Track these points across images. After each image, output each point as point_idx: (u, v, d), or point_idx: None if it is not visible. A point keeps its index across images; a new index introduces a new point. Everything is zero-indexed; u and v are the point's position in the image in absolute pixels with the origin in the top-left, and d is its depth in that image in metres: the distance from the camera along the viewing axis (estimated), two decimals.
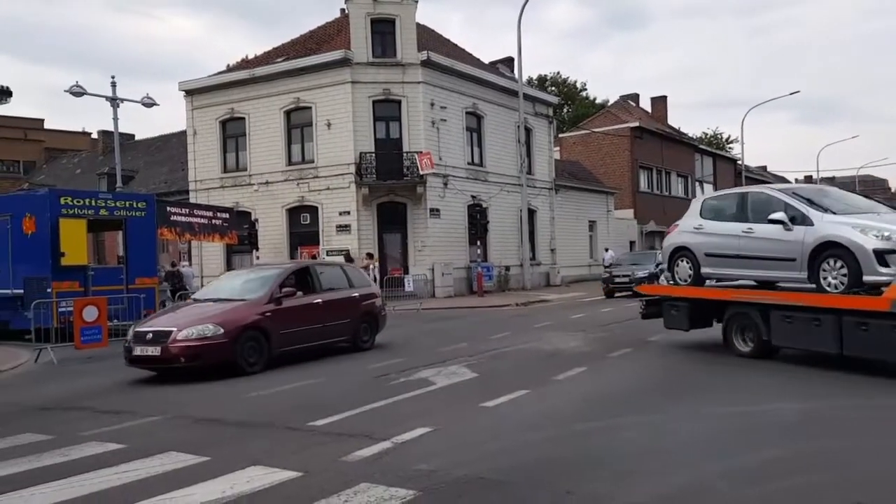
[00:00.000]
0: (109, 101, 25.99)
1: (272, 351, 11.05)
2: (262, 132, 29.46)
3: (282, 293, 11.45)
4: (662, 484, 5.03)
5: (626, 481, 5.09)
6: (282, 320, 11.23)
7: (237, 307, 11.06)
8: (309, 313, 11.87)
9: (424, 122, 27.73)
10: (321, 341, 12.13)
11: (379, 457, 5.88)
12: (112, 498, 5.03)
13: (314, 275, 12.59)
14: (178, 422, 7.73)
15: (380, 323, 13.75)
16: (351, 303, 12.90)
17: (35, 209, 16.80)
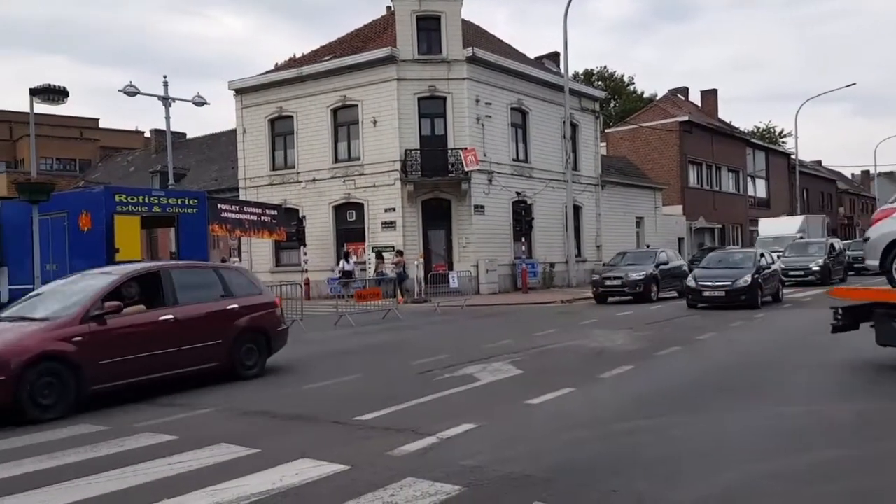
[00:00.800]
0: (162, 100, 26.65)
1: (84, 389, 8.30)
2: (309, 130, 29.84)
3: (104, 309, 8.60)
4: (709, 484, 4.96)
5: (673, 481, 5.03)
6: (103, 346, 8.48)
7: (27, 332, 8.24)
8: (153, 334, 9.08)
9: (469, 119, 27.72)
10: (172, 371, 9.30)
11: (424, 452, 5.91)
12: (166, 488, 5.17)
13: (167, 282, 9.60)
14: (228, 414, 7.90)
15: (274, 342, 10.77)
16: (224, 317, 9.99)
17: (91, 206, 17.30)
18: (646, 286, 21.55)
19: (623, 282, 21.66)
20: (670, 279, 22.90)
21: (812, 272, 26.93)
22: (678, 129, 45.26)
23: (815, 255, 27.95)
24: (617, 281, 21.91)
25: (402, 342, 14.16)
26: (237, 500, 4.82)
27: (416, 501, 4.68)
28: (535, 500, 4.64)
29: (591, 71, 67.82)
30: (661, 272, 22.33)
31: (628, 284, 21.56)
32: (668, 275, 22.83)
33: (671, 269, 23.27)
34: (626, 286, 21.55)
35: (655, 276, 22.02)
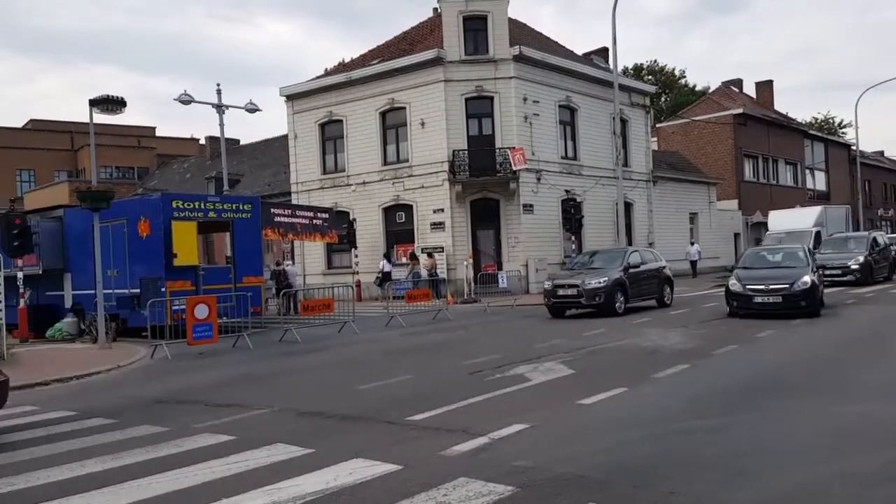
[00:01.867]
0: (215, 107, 27.25)
1: None
2: (358, 133, 30.15)
3: None
4: (772, 485, 4.81)
5: (733, 482, 4.90)
6: None
7: None
8: None
9: (517, 118, 27.60)
10: None
11: (476, 452, 5.90)
12: (224, 487, 5.27)
13: None
14: (283, 415, 8.02)
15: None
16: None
17: (149, 213, 17.82)
18: (607, 296, 17.35)
19: (579, 290, 17.33)
20: (645, 285, 18.84)
21: (851, 271, 24.10)
22: (732, 122, 44.22)
23: (855, 252, 24.98)
24: (572, 290, 17.48)
25: (453, 342, 14.17)
26: (293, 500, 4.89)
27: (469, 501, 4.66)
28: (590, 501, 4.58)
29: (641, 65, 66.85)
30: (630, 277, 18.11)
31: (585, 294, 17.25)
32: (642, 279, 18.73)
33: (645, 272, 18.99)
34: (583, 296, 17.27)
35: (622, 282, 17.73)
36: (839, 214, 33.65)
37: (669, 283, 19.97)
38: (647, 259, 19.65)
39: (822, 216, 31.08)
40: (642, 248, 23.03)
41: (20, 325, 18.30)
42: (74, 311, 18.93)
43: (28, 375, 11.82)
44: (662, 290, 19.54)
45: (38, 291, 20.00)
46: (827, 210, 32.56)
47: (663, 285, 19.64)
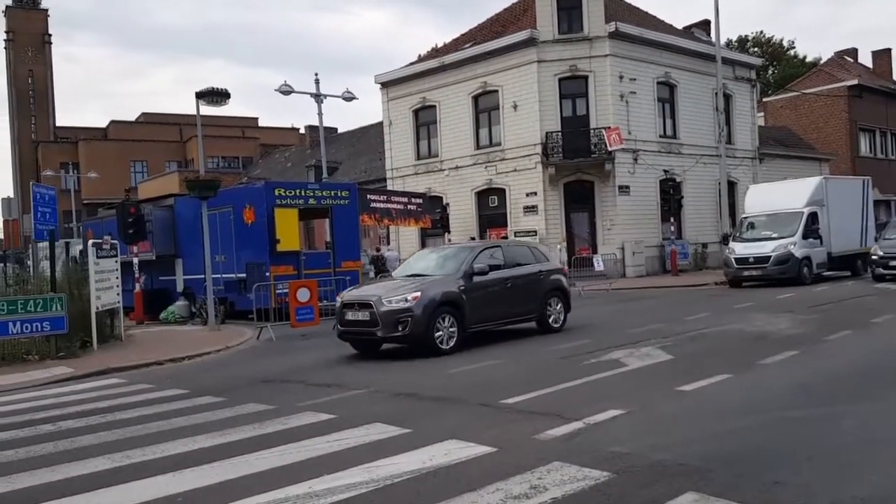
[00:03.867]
0: (314, 97, 27.97)
1: None
2: (451, 118, 30.26)
3: None
4: (887, 478, 4.53)
5: (844, 474, 4.64)
6: None
7: None
8: None
9: (612, 97, 26.96)
10: None
11: (571, 436, 5.85)
12: (325, 464, 5.45)
13: None
14: (380, 395, 8.21)
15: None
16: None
17: (254, 201, 18.55)
18: (422, 325, 10.80)
19: (372, 316, 10.89)
20: (508, 301, 12.18)
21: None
22: (846, 95, 41.56)
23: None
24: (363, 314, 11.04)
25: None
26: (391, 478, 5.00)
27: (563, 486, 4.63)
28: (689, 489, 4.45)
29: (746, 37, 63.70)
30: (474, 289, 11.53)
31: (381, 320, 10.80)
32: (502, 292, 12.09)
33: (509, 281, 12.25)
34: (379, 324, 10.84)
35: (453, 299, 11.25)
36: (850, 189, 23.81)
37: (560, 296, 13.07)
38: (515, 260, 12.64)
39: (821, 191, 21.88)
40: (513, 244, 15.18)
41: (136, 308, 19.50)
42: (185, 294, 20.00)
43: (144, 356, 12.60)
44: (544, 306, 12.71)
45: (152, 276, 21.23)
46: (828, 183, 22.59)
47: (547, 299, 12.77)
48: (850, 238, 22.42)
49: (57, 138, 68.22)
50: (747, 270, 20.47)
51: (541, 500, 4.42)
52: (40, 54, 72.99)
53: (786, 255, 19.96)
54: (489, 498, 4.48)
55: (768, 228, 21.37)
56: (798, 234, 20.30)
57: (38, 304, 12.44)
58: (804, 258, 20.15)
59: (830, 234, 21.51)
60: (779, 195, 22.22)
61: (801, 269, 19.86)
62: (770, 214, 21.72)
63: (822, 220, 21.39)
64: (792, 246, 20.07)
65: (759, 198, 22.91)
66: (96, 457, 6.13)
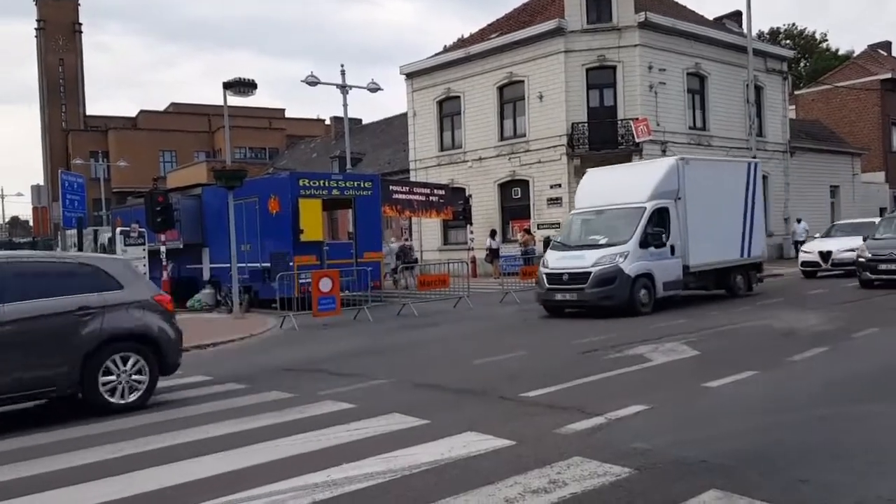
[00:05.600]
0: (339, 88, 28.01)
1: None
2: (476, 109, 30.12)
3: None
4: None
5: (873, 472, 4.53)
6: None
7: None
8: None
9: (641, 87, 26.63)
10: None
11: (592, 431, 5.78)
12: (344, 453, 5.45)
13: None
14: (400, 386, 8.20)
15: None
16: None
17: (278, 191, 18.65)
18: None
19: None
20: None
21: None
22: (880, 88, 40.62)
23: None
24: None
25: (569, 320, 13.96)
26: (409, 468, 4.98)
27: (583, 481, 4.58)
28: (712, 487, 4.37)
29: (778, 29, 62.61)
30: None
31: None
32: None
33: None
34: None
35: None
36: (725, 177, 16.89)
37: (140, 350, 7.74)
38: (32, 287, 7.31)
39: (675, 179, 15.20)
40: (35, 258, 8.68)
41: None
42: (211, 283, 20.18)
43: None
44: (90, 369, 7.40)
45: (180, 264, 21.44)
46: (687, 168, 15.43)
47: (99, 358, 7.44)
48: (723, 245, 16.01)
49: (87, 127, 69.18)
50: (561, 293, 14.24)
51: (560, 494, 4.37)
52: (71, 43, 73.95)
53: (611, 271, 13.71)
54: (507, 491, 4.44)
55: (597, 231, 15.07)
56: (632, 241, 14.01)
57: None
58: (640, 276, 13.93)
59: (689, 241, 14.94)
60: (620, 183, 15.73)
61: (633, 291, 13.75)
62: (601, 210, 15.34)
63: (676, 219, 14.85)
64: (621, 258, 13.83)
65: (595, 186, 16.20)
66: (119, 442, 6.20)
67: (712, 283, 16.16)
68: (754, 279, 17.20)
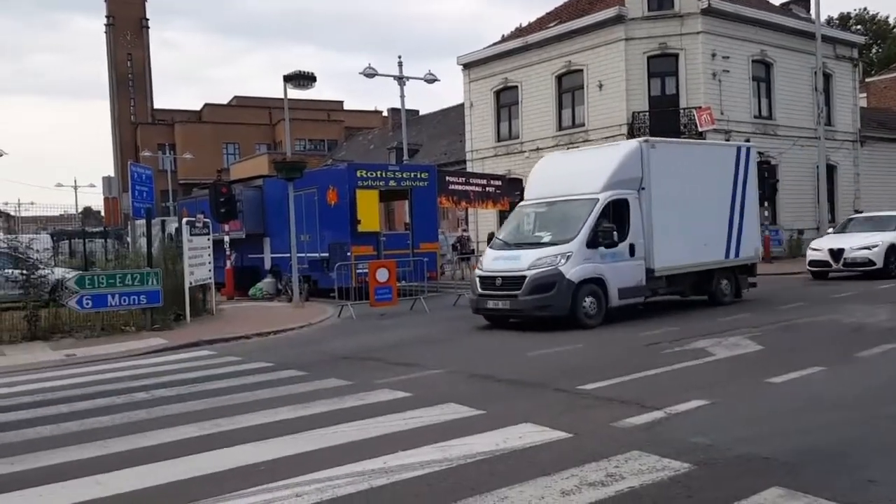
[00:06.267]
0: (397, 79, 28.17)
1: None
2: (533, 99, 29.89)
3: None
4: None
5: None
6: None
7: None
8: None
9: (704, 75, 25.99)
10: None
11: (651, 426, 5.70)
12: (400, 441, 5.51)
13: None
14: (456, 376, 8.24)
15: None
16: None
17: (337, 182, 18.90)
18: None
19: None
20: None
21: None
22: None
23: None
24: None
25: (625, 311, 13.75)
26: (463, 458, 5.00)
27: (641, 475, 4.52)
28: (774, 484, 4.26)
29: (848, 14, 60.09)
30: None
31: None
32: None
33: None
34: None
35: None
36: (705, 162, 14.29)
37: None
38: None
39: (637, 165, 12.79)
40: None
41: (227, 284, 20.26)
42: (272, 272, 20.62)
43: (233, 330, 13.08)
44: None
45: (242, 254, 21.97)
46: (654, 152, 12.93)
47: None
48: (702, 244, 13.54)
49: (154, 120, 71.41)
50: (493, 300, 12.13)
51: (617, 488, 4.33)
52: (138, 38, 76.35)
53: (549, 275, 11.51)
54: (563, 484, 4.42)
55: (544, 227, 12.82)
56: (577, 240, 11.74)
57: (135, 279, 13.07)
58: (586, 281, 11.68)
59: (654, 239, 12.60)
60: (575, 171, 13.42)
61: (575, 299, 11.55)
62: (552, 202, 12.98)
63: (638, 214, 12.53)
64: (562, 260, 11.59)
65: (549, 174, 13.91)
66: (186, 424, 6.41)
67: (690, 287, 13.81)
68: (744, 283, 14.66)
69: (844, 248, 18.07)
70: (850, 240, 18.38)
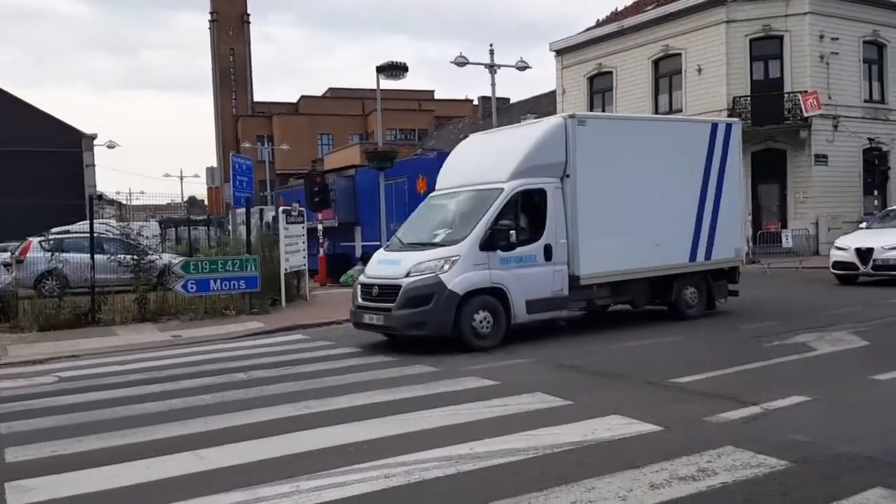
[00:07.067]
0: (488, 67, 28.07)
1: None
2: (628, 84, 29.19)
3: None
4: None
5: None
6: None
7: None
8: None
9: (811, 58, 24.63)
10: None
11: (746, 421, 5.50)
12: (487, 428, 5.55)
13: None
14: (544, 366, 8.20)
15: None
16: None
17: (426, 171, 19.03)
18: None
19: None
20: None
21: None
22: None
23: None
24: None
25: (724, 305, 13.28)
26: (550, 447, 4.99)
27: (734, 471, 4.38)
28: (877, 484, 4.04)
29: None
30: None
31: None
32: None
33: None
34: None
35: None
36: (662, 143, 11.34)
37: None
38: None
39: (559, 149, 10.23)
40: None
41: (320, 271, 20.83)
42: (364, 260, 21.00)
43: (326, 315, 13.46)
44: None
45: (335, 242, 22.53)
46: (582, 134, 10.26)
47: None
48: (656, 244, 10.92)
49: (254, 112, 74.09)
50: (369, 313, 9.83)
51: (709, 483, 4.22)
52: (240, 33, 79.31)
53: (425, 285, 9.25)
54: (653, 477, 4.34)
55: (443, 223, 10.55)
56: (467, 241, 9.48)
57: (235, 265, 13.67)
58: (477, 292, 9.40)
59: (580, 239, 10.17)
60: (490, 154, 11.07)
61: (459, 315, 9.21)
62: (456, 193, 10.81)
63: (560, 207, 10.15)
64: (445, 266, 9.30)
65: (462, 159, 11.68)
66: (280, 405, 6.68)
67: (642, 296, 11.24)
68: (720, 292, 11.92)
69: (874, 247, 14.85)
70: (883, 237, 15.15)
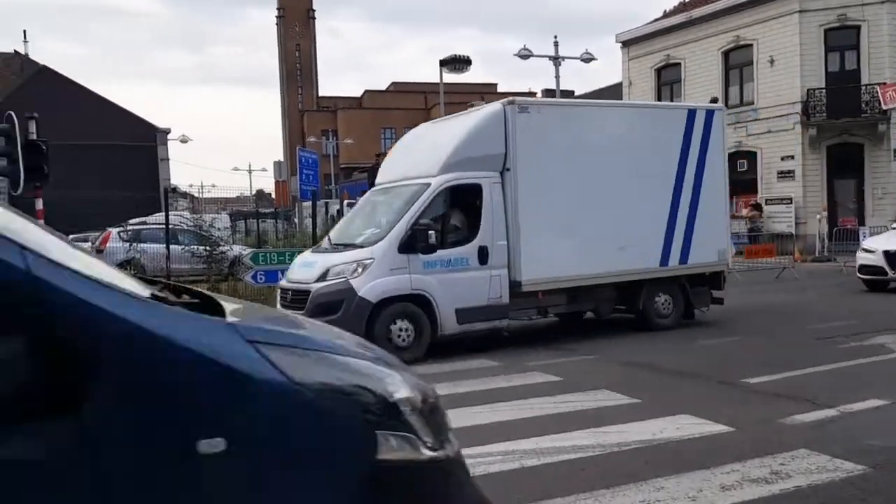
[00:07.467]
0: (552, 60, 27.83)
1: None
2: (697, 76, 28.49)
3: None
4: None
5: None
6: None
7: None
8: None
9: (890, 49, 23.56)
10: None
11: (821, 424, 5.34)
12: (551, 423, 5.53)
13: None
14: (610, 363, 8.11)
15: None
16: None
17: None
18: None
19: None
20: None
21: None
22: None
23: None
24: None
25: (799, 304, 12.86)
26: (617, 445, 4.94)
27: (809, 475, 4.26)
28: None
29: None
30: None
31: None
32: None
33: None
34: None
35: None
36: (643, 130, 10.37)
37: None
38: None
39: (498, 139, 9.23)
40: None
41: None
42: None
43: None
44: None
45: None
46: (522, 122, 9.21)
47: None
48: (619, 247, 9.81)
49: (319, 107, 75.37)
50: None
51: (782, 486, 4.11)
52: (306, 29, 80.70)
53: (335, 292, 8.50)
54: (723, 478, 4.26)
55: (371, 222, 9.73)
56: (384, 242, 8.70)
57: None
58: (394, 300, 8.52)
59: (521, 240, 9.15)
60: (426, 145, 10.28)
61: (372, 326, 8.31)
62: (389, 188, 10.07)
63: (498, 204, 9.14)
64: (358, 270, 8.54)
65: (403, 151, 11.08)
66: None
67: (608, 304, 10.23)
68: (702, 300, 10.76)
69: None
70: None
